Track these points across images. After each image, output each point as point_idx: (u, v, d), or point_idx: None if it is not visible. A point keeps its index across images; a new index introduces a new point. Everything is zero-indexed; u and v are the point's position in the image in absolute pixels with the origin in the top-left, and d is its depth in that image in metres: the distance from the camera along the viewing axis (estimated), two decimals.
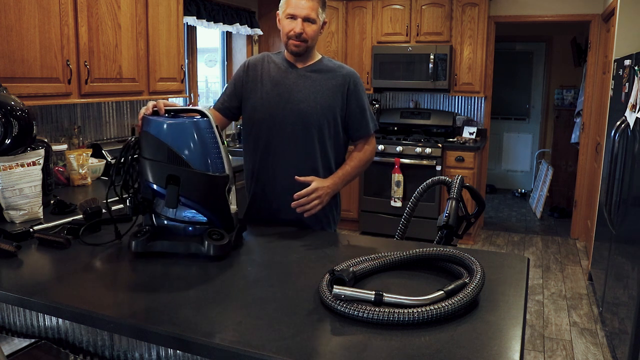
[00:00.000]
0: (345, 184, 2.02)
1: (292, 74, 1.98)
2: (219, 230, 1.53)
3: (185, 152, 1.50)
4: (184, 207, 1.53)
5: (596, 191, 4.25)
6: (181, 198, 1.49)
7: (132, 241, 1.51)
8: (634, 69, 2.82)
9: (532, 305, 3.66)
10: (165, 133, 1.50)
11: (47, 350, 1.94)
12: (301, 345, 1.06)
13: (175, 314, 1.17)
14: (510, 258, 1.62)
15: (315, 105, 1.95)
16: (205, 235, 1.51)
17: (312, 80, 1.97)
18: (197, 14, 4.01)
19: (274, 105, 1.95)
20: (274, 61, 2.01)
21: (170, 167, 1.49)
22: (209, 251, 1.49)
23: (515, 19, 5.12)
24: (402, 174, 4.84)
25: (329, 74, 1.99)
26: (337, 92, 1.98)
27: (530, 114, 7.24)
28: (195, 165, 1.50)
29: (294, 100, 1.95)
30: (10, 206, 1.87)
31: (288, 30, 1.90)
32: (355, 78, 2.01)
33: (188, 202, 1.51)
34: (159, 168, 1.50)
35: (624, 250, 2.86)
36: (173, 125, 1.51)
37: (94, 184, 2.76)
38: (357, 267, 1.33)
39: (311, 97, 1.95)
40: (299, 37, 1.89)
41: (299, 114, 1.94)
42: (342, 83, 1.98)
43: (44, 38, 2.39)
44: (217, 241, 1.50)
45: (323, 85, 1.97)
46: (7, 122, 1.78)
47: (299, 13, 1.87)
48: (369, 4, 5.19)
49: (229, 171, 1.57)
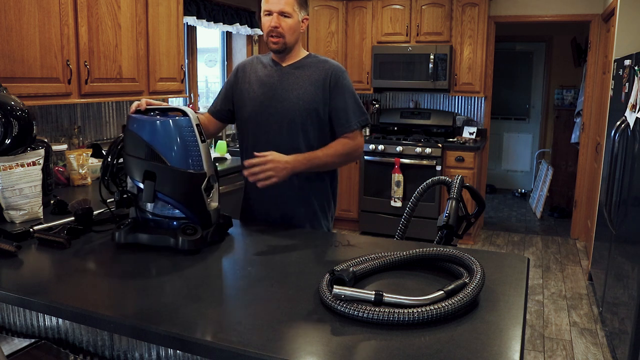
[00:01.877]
0: (312, 168, 1.93)
1: (277, 73, 2.00)
2: (194, 226, 1.58)
3: (162, 149, 1.57)
4: (162, 202, 1.60)
5: (596, 191, 4.25)
6: (158, 194, 1.57)
7: (115, 232, 1.61)
8: (634, 69, 2.82)
9: (532, 305, 3.66)
10: (144, 130, 1.59)
11: (47, 350, 1.94)
12: (301, 345, 1.06)
13: (175, 314, 1.17)
14: (510, 258, 1.62)
15: (297, 101, 1.95)
16: (179, 230, 1.57)
17: (295, 77, 1.98)
18: (197, 14, 4.01)
19: (259, 105, 1.99)
20: (262, 62, 2.05)
21: (147, 163, 1.57)
22: (182, 245, 1.54)
23: (515, 19, 5.12)
24: (402, 174, 4.84)
25: (311, 69, 1.98)
26: (318, 87, 1.95)
27: (530, 114, 7.24)
28: (172, 162, 1.57)
29: (277, 98, 1.97)
30: (10, 206, 1.87)
31: (267, 27, 1.92)
32: (337, 72, 1.97)
33: (164, 197, 1.58)
34: (138, 164, 1.59)
35: (624, 250, 2.86)
36: (151, 123, 1.59)
37: (94, 184, 2.76)
38: (357, 267, 1.33)
39: (293, 94, 1.95)
40: (276, 31, 1.90)
41: (282, 111, 1.96)
42: (323, 77, 1.96)
43: (44, 38, 2.39)
44: (190, 236, 1.55)
45: (305, 81, 1.96)
46: (7, 122, 1.78)
47: (274, 8, 1.89)
48: (369, 4, 5.19)
49: (207, 169, 1.63)
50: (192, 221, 1.61)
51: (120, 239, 1.59)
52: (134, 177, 1.61)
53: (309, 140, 1.97)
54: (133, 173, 1.60)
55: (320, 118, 1.97)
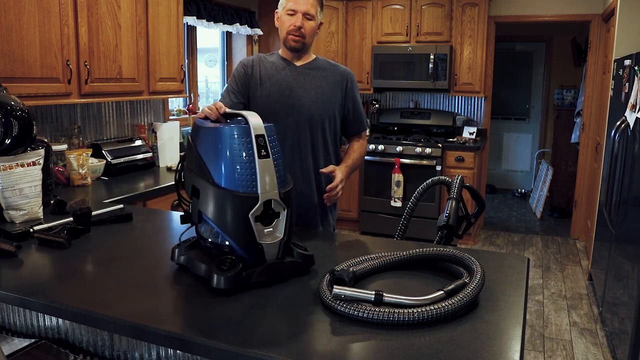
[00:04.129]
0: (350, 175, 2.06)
1: (292, 71, 2.01)
2: (233, 259, 1.31)
3: (209, 161, 1.35)
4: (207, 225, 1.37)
5: (596, 191, 4.25)
6: (203, 215, 1.35)
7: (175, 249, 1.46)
8: (634, 69, 2.82)
9: (532, 305, 3.66)
10: (197, 139, 1.42)
11: (47, 350, 1.94)
12: (301, 345, 1.06)
13: (175, 314, 1.17)
14: (510, 258, 1.62)
15: (317, 100, 1.99)
16: (215, 263, 1.31)
17: (311, 76, 2.01)
18: (197, 14, 4.01)
19: (276, 102, 1.98)
20: (270, 61, 2.05)
21: (194, 178, 1.38)
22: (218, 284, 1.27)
23: (515, 19, 5.12)
24: (402, 174, 4.84)
25: (327, 71, 2.05)
26: (336, 88, 2.03)
27: (530, 114, 7.24)
28: (216, 178, 1.32)
29: (295, 96, 1.98)
30: (10, 206, 1.87)
31: (288, 25, 1.95)
32: (351, 76, 2.09)
33: (208, 220, 1.34)
34: (189, 178, 1.42)
35: (624, 250, 2.86)
36: (203, 131, 1.42)
37: (94, 184, 2.76)
38: (357, 267, 1.33)
39: (312, 92, 1.99)
40: (299, 32, 1.94)
41: (301, 109, 1.97)
42: (340, 80, 2.05)
43: (44, 38, 2.39)
44: (223, 272, 1.28)
45: (322, 82, 2.02)
46: (7, 122, 1.78)
47: (300, 8, 1.92)
48: (369, 4, 5.19)
49: (263, 192, 1.31)
50: (238, 254, 1.32)
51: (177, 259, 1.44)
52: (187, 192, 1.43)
53: (326, 137, 2.04)
54: (186, 187, 1.44)
55: (335, 117, 2.05)
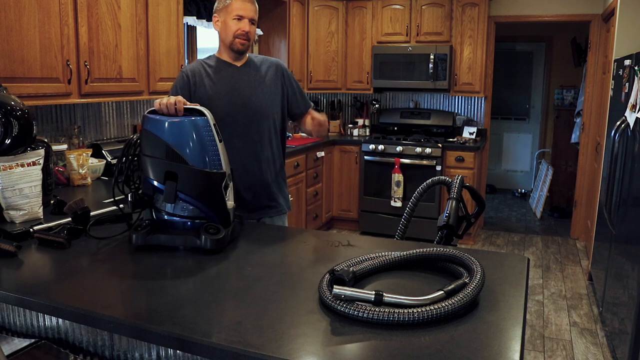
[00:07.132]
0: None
1: (237, 72, 2.15)
2: (216, 225, 1.59)
3: (183, 149, 1.57)
4: (182, 202, 1.60)
5: (596, 191, 4.25)
6: (179, 194, 1.57)
7: (132, 234, 1.57)
8: (634, 69, 2.82)
9: (532, 305, 3.66)
10: (165, 131, 1.58)
11: (47, 350, 1.93)
12: (301, 345, 1.06)
13: (175, 314, 1.17)
14: (510, 258, 1.62)
15: (263, 95, 2.15)
16: (202, 230, 1.56)
17: (252, 75, 2.17)
18: (197, 14, 4.01)
19: (226, 102, 2.11)
20: (210, 65, 2.17)
21: (168, 164, 1.56)
22: (205, 244, 1.54)
23: (515, 19, 5.12)
24: (402, 174, 4.84)
25: (263, 66, 2.20)
26: (277, 80, 2.21)
27: (530, 114, 7.24)
28: (193, 162, 1.57)
29: (244, 94, 2.12)
30: (10, 206, 1.87)
31: (235, 30, 2.09)
32: (283, 65, 2.28)
33: (186, 197, 1.58)
34: (158, 165, 1.58)
35: (624, 250, 2.86)
36: (172, 124, 1.59)
37: (94, 184, 2.76)
38: (357, 267, 1.33)
39: (258, 89, 2.15)
40: (246, 36, 2.10)
41: (251, 105, 2.12)
42: (276, 72, 2.22)
43: (44, 38, 2.39)
44: (213, 235, 1.56)
45: (263, 77, 2.17)
46: (7, 122, 1.78)
47: (247, 14, 2.09)
48: (369, 4, 5.19)
49: (225, 168, 1.64)
50: (212, 220, 1.61)
51: (138, 241, 1.56)
52: (152, 178, 1.59)
53: (276, 127, 2.21)
54: (151, 173, 1.59)
55: (283, 105, 2.23)
